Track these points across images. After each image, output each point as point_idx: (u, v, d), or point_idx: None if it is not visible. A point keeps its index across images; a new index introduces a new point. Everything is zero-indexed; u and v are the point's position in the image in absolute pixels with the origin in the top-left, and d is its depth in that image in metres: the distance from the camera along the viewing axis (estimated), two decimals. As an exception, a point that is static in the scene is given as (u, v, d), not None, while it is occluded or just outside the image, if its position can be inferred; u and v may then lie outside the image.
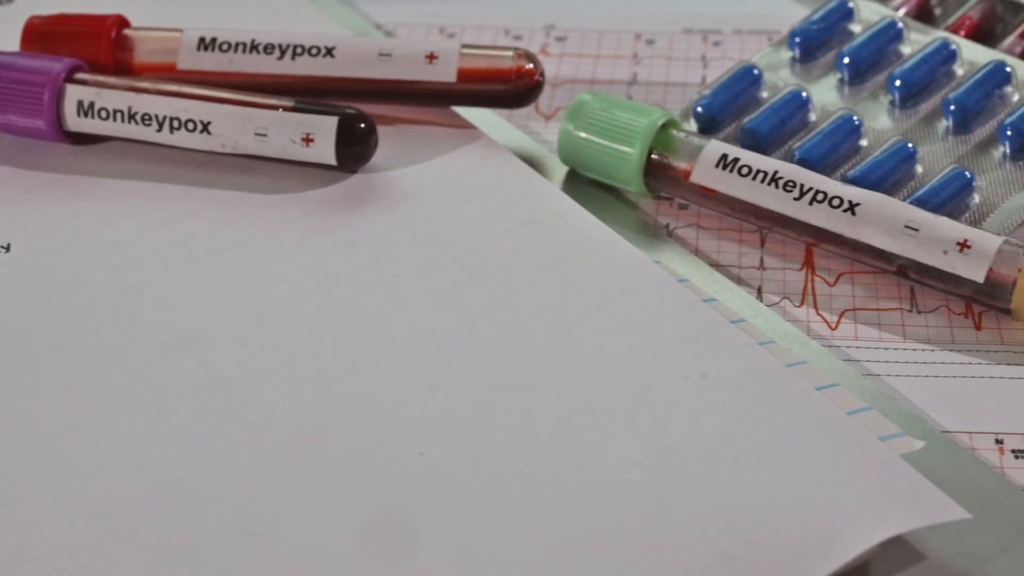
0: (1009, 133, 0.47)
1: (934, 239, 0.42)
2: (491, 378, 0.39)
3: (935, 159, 0.47)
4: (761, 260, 0.45)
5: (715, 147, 0.46)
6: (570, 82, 0.54)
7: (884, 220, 0.43)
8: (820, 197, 0.44)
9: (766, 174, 0.45)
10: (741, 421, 0.37)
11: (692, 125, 0.50)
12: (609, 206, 0.47)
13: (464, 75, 0.48)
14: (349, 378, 0.39)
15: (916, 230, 0.43)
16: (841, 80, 0.51)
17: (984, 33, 0.53)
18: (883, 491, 0.35)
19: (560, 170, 0.48)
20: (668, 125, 0.47)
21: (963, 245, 0.42)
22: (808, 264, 0.45)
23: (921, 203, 0.45)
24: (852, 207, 0.43)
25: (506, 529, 0.34)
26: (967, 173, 0.46)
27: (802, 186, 0.44)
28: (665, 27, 0.57)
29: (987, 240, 0.42)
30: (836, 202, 0.44)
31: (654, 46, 0.56)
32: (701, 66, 0.55)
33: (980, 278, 0.42)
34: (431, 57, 0.49)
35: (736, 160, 0.45)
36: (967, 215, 0.45)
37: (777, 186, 0.44)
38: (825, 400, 0.38)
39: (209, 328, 0.41)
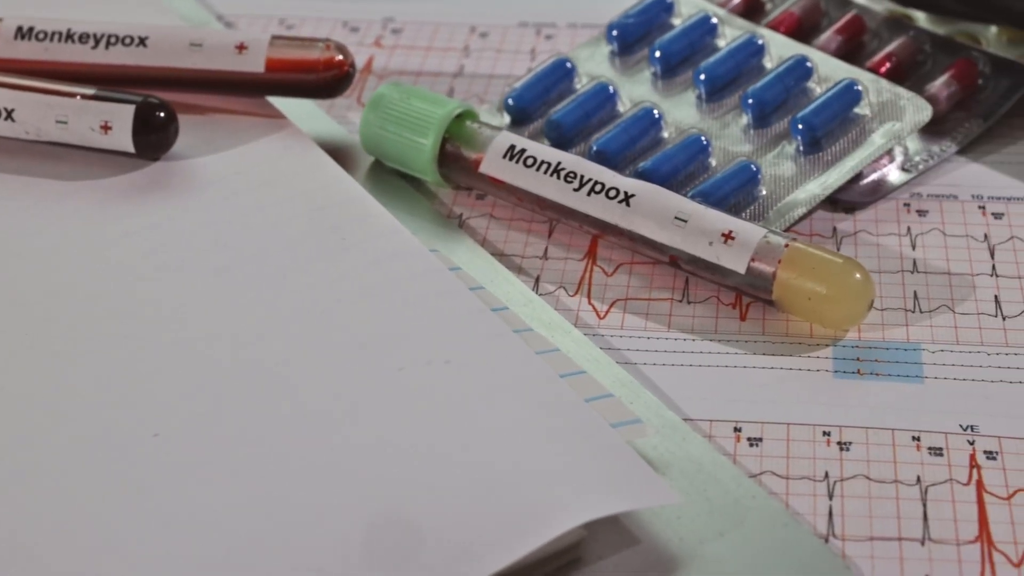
0: (800, 127, 0.47)
1: (701, 230, 0.43)
2: (240, 363, 0.39)
3: (733, 152, 0.48)
4: (546, 250, 0.46)
5: (504, 138, 0.46)
6: (397, 73, 0.55)
7: (656, 211, 0.44)
8: (598, 188, 0.44)
9: (549, 165, 0.45)
10: (475, 405, 0.38)
11: (505, 117, 0.50)
12: (407, 195, 0.48)
13: (273, 65, 0.49)
14: (100, 361, 0.39)
15: (685, 221, 0.43)
16: (654, 74, 0.51)
17: (807, 28, 0.54)
18: (601, 474, 0.36)
19: (368, 159, 0.49)
20: (465, 116, 0.48)
21: (727, 236, 0.42)
22: (590, 255, 0.45)
23: (705, 195, 0.45)
24: (627, 198, 0.44)
25: (234, 508, 0.35)
26: (753, 166, 0.46)
27: (582, 177, 0.45)
28: (501, 20, 0.58)
29: (750, 232, 0.42)
30: (612, 193, 0.44)
31: (487, 39, 0.57)
32: (530, 59, 0.55)
33: (742, 269, 0.42)
34: (241, 47, 0.49)
35: (523, 151, 0.46)
36: (752, 207, 0.46)
37: (559, 177, 0.45)
38: (563, 386, 0.38)
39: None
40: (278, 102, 0.51)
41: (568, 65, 0.51)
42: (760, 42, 0.51)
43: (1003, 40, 0.53)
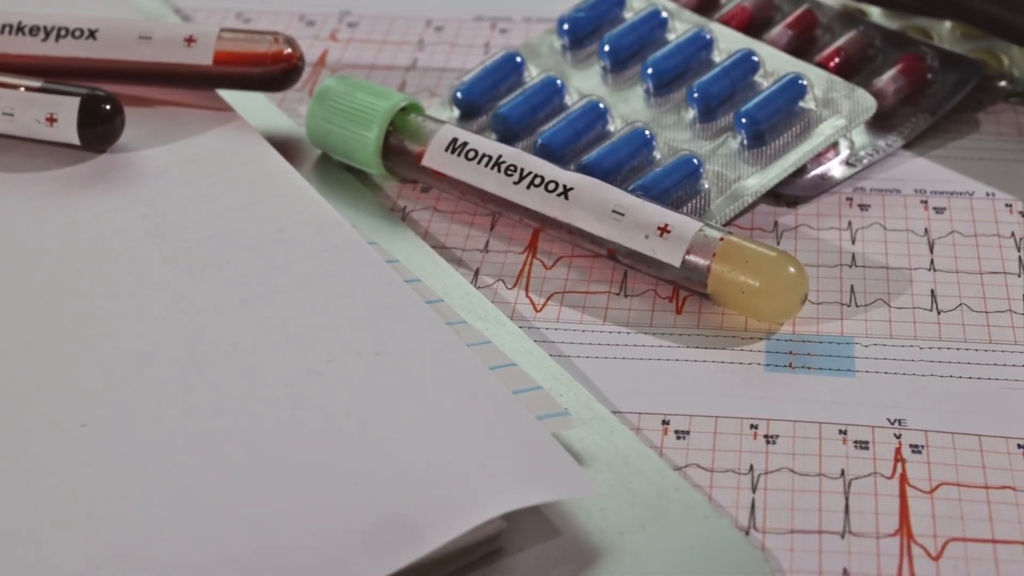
0: (744, 121, 0.47)
1: (637, 224, 0.43)
2: (170, 352, 0.39)
3: (678, 146, 0.48)
4: (487, 243, 0.46)
5: (447, 132, 0.46)
6: (351, 67, 0.55)
7: (593, 205, 0.44)
8: (537, 181, 0.45)
9: (490, 158, 0.45)
10: (401, 397, 0.38)
11: (455, 111, 0.50)
12: (352, 188, 0.48)
13: (221, 58, 0.49)
14: (33, 349, 0.40)
15: (622, 215, 0.43)
16: (604, 68, 0.51)
17: (760, 23, 0.54)
18: (522, 466, 0.36)
19: (315, 152, 0.49)
20: (410, 109, 0.48)
21: (663, 230, 0.42)
22: (531, 248, 0.46)
23: (646, 189, 0.45)
24: (566, 191, 0.44)
25: (155, 497, 0.35)
26: (695, 160, 0.46)
27: (522, 170, 0.45)
28: (457, 14, 0.58)
29: (686, 225, 0.42)
30: (552, 186, 0.44)
31: (442, 33, 0.57)
32: (483, 53, 0.55)
33: (677, 262, 0.42)
34: (189, 40, 0.49)
35: (465, 144, 0.46)
36: (694, 201, 0.46)
37: (499, 170, 0.45)
38: (491, 378, 0.38)
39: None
40: (229, 95, 0.51)
41: (518, 59, 0.51)
42: (708, 36, 0.51)
43: (957, 35, 0.53)
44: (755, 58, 0.49)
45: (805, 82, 0.48)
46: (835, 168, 0.48)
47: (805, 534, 0.36)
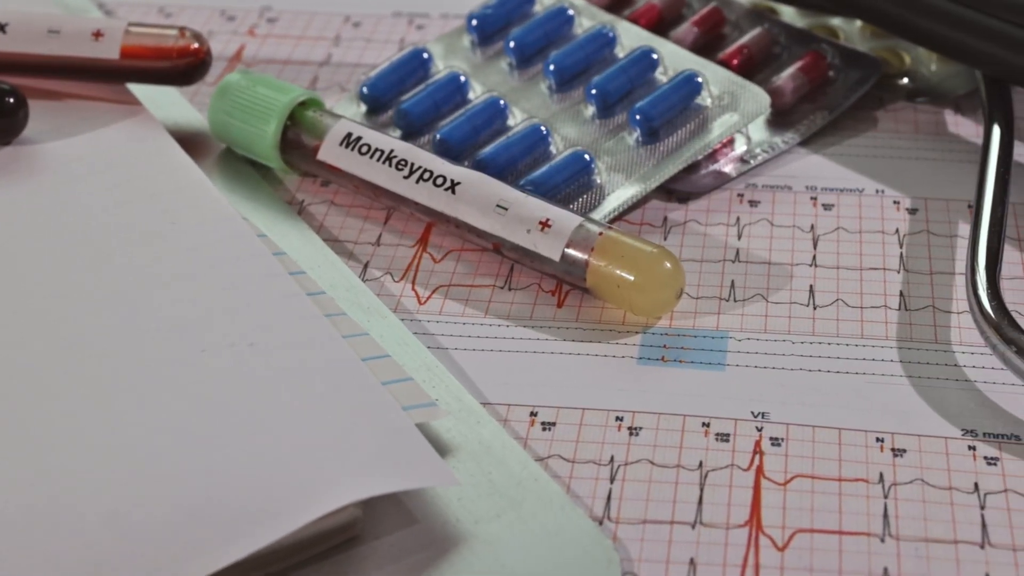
0: (638, 118, 0.48)
1: (520, 218, 0.43)
2: (51, 341, 0.40)
3: (575, 142, 0.48)
4: (379, 237, 0.46)
5: (343, 126, 0.47)
6: (266, 62, 0.55)
7: (479, 199, 0.44)
8: (426, 176, 0.45)
9: (383, 153, 0.46)
10: (269, 386, 0.38)
11: (362, 106, 0.51)
12: (252, 182, 0.48)
13: (128, 52, 0.50)
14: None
15: (506, 209, 0.44)
16: (510, 65, 0.52)
17: (670, 21, 0.54)
18: (381, 455, 0.36)
19: (220, 146, 0.50)
20: (310, 104, 0.48)
21: (544, 224, 0.43)
22: (422, 241, 0.46)
23: (536, 185, 0.46)
24: (453, 186, 0.45)
25: (16, 481, 0.36)
26: (586, 156, 0.47)
27: (412, 165, 0.45)
28: (376, 10, 0.58)
29: (566, 220, 0.43)
30: (440, 181, 0.45)
31: (359, 28, 0.57)
32: (397, 49, 0.56)
33: (556, 256, 0.43)
34: (97, 35, 0.50)
35: (359, 139, 0.47)
36: (586, 196, 0.46)
37: (391, 164, 0.46)
38: (362, 368, 0.39)
39: None
40: (141, 90, 0.51)
41: (424, 55, 0.52)
42: (611, 34, 0.51)
43: (867, 33, 0.54)
44: (654, 55, 0.50)
45: (701, 79, 0.48)
46: (730, 165, 0.48)
47: (657, 524, 0.36)
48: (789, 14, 0.55)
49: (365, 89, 0.51)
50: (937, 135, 0.50)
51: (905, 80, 0.52)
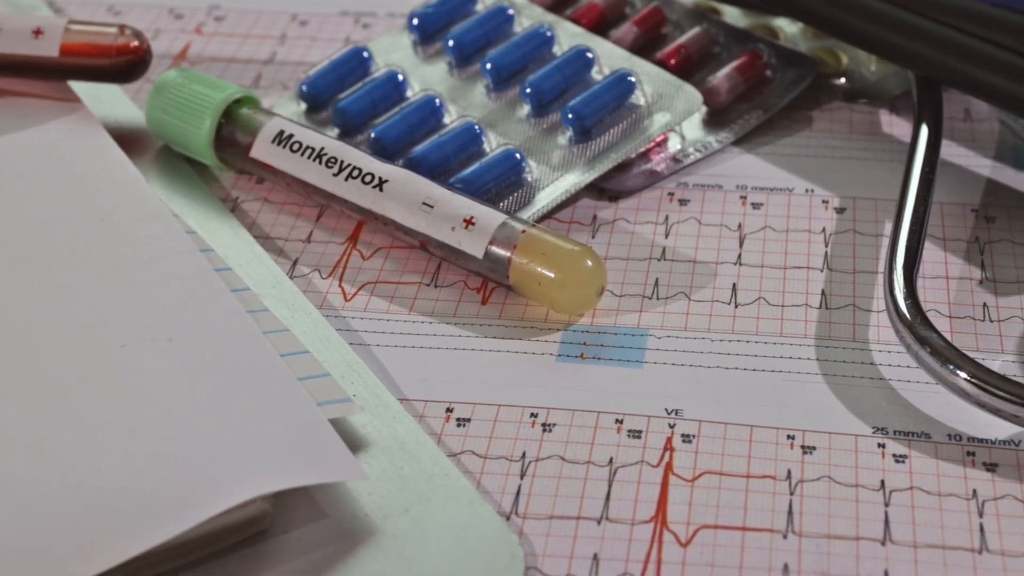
0: (570, 116, 0.48)
1: (444, 216, 0.44)
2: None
3: (511, 141, 0.48)
4: (310, 234, 0.47)
5: (275, 124, 0.47)
6: (211, 60, 0.56)
7: (405, 197, 0.44)
8: (355, 174, 0.45)
9: (313, 150, 0.46)
10: (184, 381, 0.39)
11: (302, 104, 0.51)
12: (187, 179, 0.49)
13: (67, 50, 0.50)
14: None
15: (432, 207, 0.44)
16: (450, 63, 0.52)
17: (611, 20, 0.54)
18: (291, 449, 0.37)
19: (159, 143, 0.50)
20: (245, 102, 0.49)
21: (468, 222, 0.43)
22: (352, 239, 0.46)
23: (467, 183, 0.46)
24: (381, 183, 0.45)
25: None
26: (517, 154, 0.47)
27: (341, 162, 0.46)
28: (323, 9, 0.59)
29: (490, 217, 0.43)
30: (368, 178, 0.45)
31: (306, 27, 0.58)
32: (342, 47, 0.56)
33: (480, 254, 0.43)
34: (37, 32, 0.50)
35: (291, 136, 0.47)
36: (517, 194, 0.47)
37: (320, 162, 0.46)
38: (279, 364, 0.39)
39: None
40: (82, 87, 0.52)
41: (364, 54, 0.52)
42: (549, 33, 0.51)
43: (808, 34, 0.54)
44: (589, 55, 0.50)
45: (634, 79, 0.49)
46: (662, 164, 0.49)
47: (563, 520, 0.37)
48: (732, 14, 0.55)
49: (305, 87, 0.51)
50: (871, 135, 0.50)
51: (842, 80, 0.52)
